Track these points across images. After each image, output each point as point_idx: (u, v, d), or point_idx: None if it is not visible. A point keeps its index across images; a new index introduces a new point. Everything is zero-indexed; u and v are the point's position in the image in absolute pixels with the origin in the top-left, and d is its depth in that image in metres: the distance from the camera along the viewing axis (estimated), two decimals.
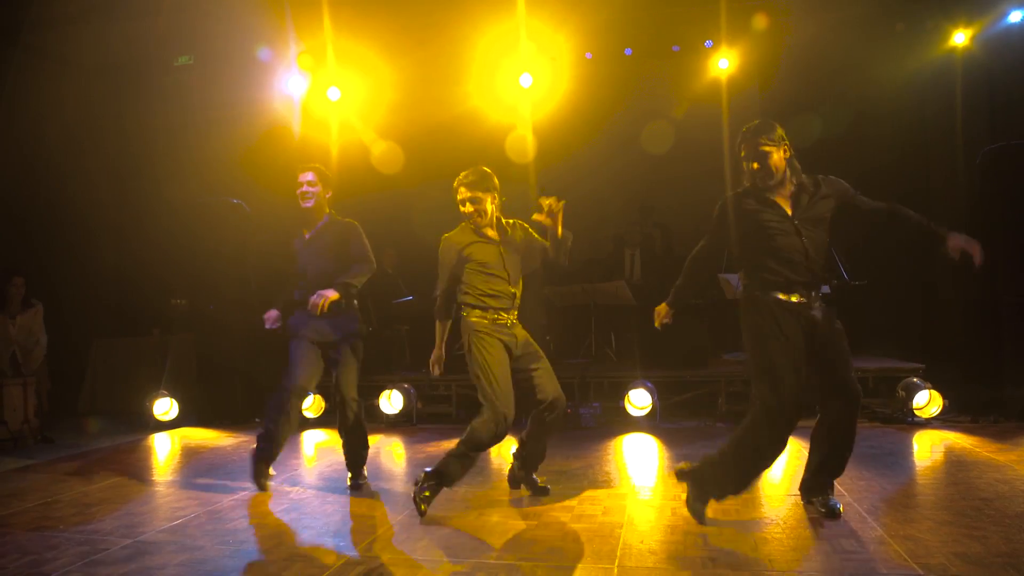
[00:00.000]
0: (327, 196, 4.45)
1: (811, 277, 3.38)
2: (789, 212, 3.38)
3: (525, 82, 7.81)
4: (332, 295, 4.15)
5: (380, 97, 8.21)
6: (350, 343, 4.33)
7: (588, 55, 8.23)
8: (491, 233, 3.94)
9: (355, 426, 4.36)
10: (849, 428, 3.45)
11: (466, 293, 3.89)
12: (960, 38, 7.24)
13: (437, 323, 4.04)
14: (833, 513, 3.52)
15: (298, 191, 4.37)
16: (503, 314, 3.87)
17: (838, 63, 7.64)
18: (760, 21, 7.49)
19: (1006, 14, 7.12)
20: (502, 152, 7.96)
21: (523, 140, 8.03)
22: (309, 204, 4.36)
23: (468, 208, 3.88)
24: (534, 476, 4.18)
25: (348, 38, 7.81)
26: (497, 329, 3.84)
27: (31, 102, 7.97)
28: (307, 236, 4.43)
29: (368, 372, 7.38)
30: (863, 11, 7.46)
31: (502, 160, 7.70)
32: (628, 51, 8.28)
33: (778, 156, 3.36)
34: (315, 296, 4.13)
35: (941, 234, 3.29)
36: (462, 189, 3.88)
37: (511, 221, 4.04)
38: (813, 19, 7.41)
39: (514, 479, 4.26)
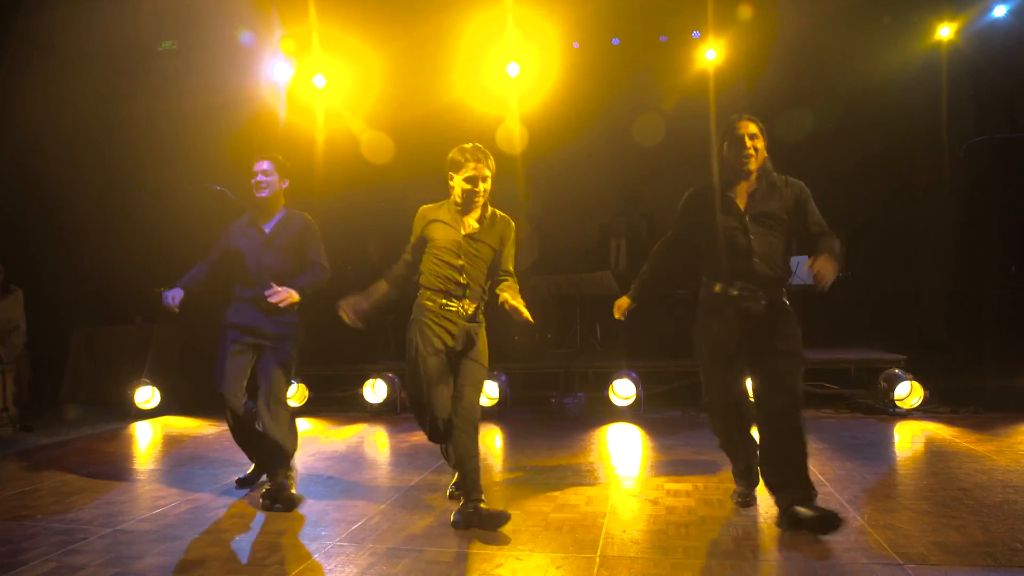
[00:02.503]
0: (283, 187, 4.19)
1: (752, 272, 3.32)
2: (742, 208, 3.38)
3: (512, 71, 7.77)
4: (295, 297, 3.90)
5: (366, 85, 8.15)
6: (281, 346, 4.12)
7: (575, 44, 8.19)
8: (470, 220, 3.52)
9: (263, 434, 4.06)
10: (781, 430, 3.26)
11: (420, 273, 3.61)
12: (945, 32, 7.29)
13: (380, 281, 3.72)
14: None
15: (252, 180, 4.11)
16: (454, 300, 3.50)
17: (825, 55, 7.64)
18: (746, 11, 7.48)
19: (990, 8, 7.17)
20: (491, 143, 7.87)
21: (510, 131, 7.99)
22: (263, 195, 4.11)
23: (478, 187, 3.41)
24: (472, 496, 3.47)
25: (333, 25, 7.74)
26: (443, 316, 3.52)
27: (14, 88, 7.85)
28: (266, 231, 4.15)
29: (352, 361, 7.41)
30: (849, 3, 7.47)
31: (491, 150, 7.63)
32: (615, 41, 8.26)
33: (760, 144, 3.34)
34: (282, 290, 3.82)
35: (819, 251, 3.18)
36: (471, 164, 3.41)
37: (500, 214, 3.60)
38: (800, 10, 7.41)
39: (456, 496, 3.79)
